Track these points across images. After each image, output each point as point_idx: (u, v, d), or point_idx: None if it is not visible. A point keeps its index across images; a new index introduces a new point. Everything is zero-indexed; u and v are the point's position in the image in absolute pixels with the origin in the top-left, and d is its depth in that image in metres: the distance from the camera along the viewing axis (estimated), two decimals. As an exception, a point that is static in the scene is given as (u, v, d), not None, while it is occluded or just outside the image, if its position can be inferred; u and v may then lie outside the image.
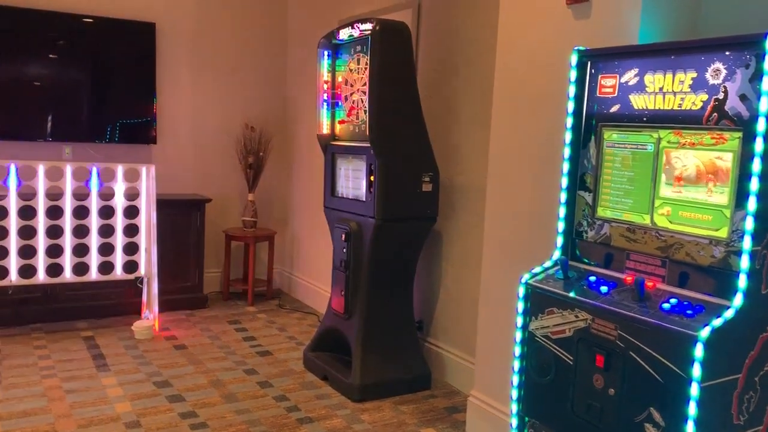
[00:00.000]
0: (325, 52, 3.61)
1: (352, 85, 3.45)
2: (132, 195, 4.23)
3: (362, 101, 3.35)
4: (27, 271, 3.95)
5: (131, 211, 4.23)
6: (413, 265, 3.48)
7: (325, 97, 3.62)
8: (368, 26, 3.22)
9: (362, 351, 3.31)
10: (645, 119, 1.88)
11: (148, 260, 4.27)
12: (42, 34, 4.47)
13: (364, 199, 3.32)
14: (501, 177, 2.73)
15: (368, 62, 3.24)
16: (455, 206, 3.50)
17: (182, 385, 3.37)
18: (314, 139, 5.07)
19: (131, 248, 4.26)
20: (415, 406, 3.26)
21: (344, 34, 3.46)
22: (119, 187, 4.14)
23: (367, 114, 3.19)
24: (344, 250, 3.42)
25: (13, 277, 3.92)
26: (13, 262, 3.91)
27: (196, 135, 5.17)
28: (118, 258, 4.20)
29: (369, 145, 3.22)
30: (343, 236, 3.41)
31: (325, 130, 3.66)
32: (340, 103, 3.58)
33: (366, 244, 3.31)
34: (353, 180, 3.44)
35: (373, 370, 3.31)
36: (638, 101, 1.89)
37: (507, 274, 2.64)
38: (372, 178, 3.24)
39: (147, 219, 4.26)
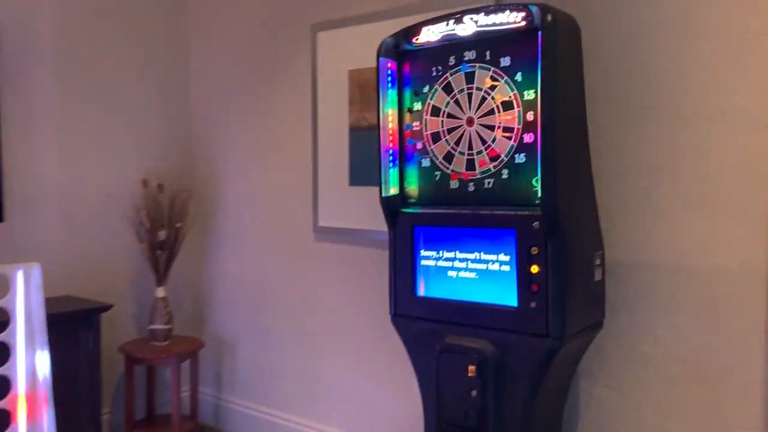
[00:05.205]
0: (388, 64, 2.22)
1: (455, 117, 2.11)
2: (-3, 320, 2.30)
3: (482, 140, 2.03)
4: None
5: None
6: (565, 397, 2.21)
7: (390, 142, 2.22)
8: (514, 17, 1.93)
9: None
10: None
11: (33, 436, 2.35)
12: None
13: (515, 305, 1.97)
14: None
15: (509, 77, 1.97)
16: (609, 299, 2.30)
17: None
18: (247, 199, 3.53)
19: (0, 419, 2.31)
20: None
21: (434, 32, 2.12)
22: (-28, 309, 2.21)
23: (540, 159, 1.88)
24: (473, 392, 2.02)
25: None
26: None
27: (67, 202, 3.26)
28: (-25, 443, 2.24)
29: (522, 212, 1.92)
30: (472, 369, 2.01)
31: (392, 188, 2.24)
32: (418, 150, 2.20)
33: (521, 378, 1.96)
34: (478, 270, 2.07)
35: None
36: None
37: None
38: (534, 268, 1.93)
39: (28, 363, 2.35)
